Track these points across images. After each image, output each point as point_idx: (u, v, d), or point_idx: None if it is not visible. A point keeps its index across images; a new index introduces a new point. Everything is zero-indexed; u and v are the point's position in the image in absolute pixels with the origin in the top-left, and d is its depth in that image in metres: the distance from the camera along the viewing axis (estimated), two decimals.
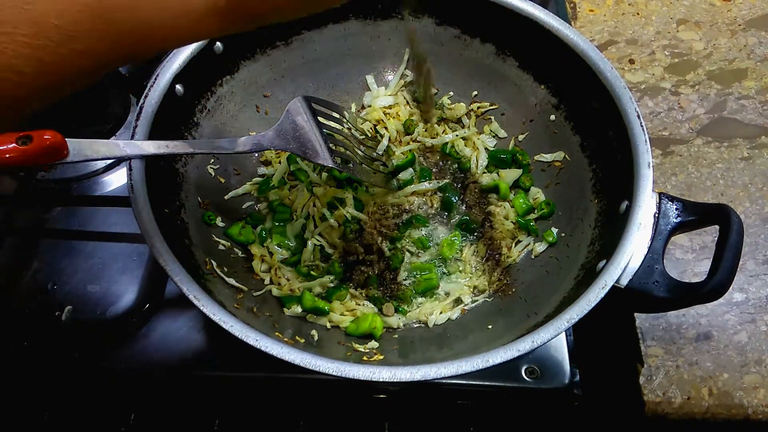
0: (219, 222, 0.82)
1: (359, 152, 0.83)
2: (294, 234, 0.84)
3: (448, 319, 0.78)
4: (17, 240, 0.86)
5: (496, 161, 0.90)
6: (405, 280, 0.81)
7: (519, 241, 0.84)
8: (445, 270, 0.83)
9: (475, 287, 0.81)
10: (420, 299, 0.81)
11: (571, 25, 0.95)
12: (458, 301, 0.81)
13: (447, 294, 0.81)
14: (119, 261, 0.84)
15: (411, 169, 0.89)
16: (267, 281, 0.80)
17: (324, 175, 0.88)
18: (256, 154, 0.91)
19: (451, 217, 0.87)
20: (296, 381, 0.76)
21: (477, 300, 0.80)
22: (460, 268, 0.83)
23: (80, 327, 0.79)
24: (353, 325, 0.76)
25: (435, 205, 0.88)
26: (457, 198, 0.88)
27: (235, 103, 0.88)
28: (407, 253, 0.83)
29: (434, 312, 0.79)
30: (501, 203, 0.87)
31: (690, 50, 1.04)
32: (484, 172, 0.90)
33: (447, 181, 0.90)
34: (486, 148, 0.92)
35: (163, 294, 0.81)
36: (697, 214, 0.68)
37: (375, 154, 0.87)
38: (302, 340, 0.72)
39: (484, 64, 0.92)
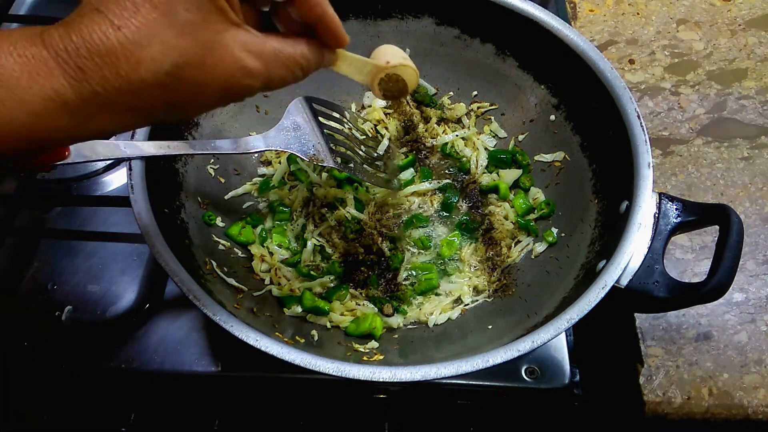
0: (219, 222, 0.82)
1: (360, 152, 0.83)
2: (294, 234, 0.84)
3: (448, 319, 0.78)
4: (17, 240, 0.86)
5: (496, 161, 0.90)
6: (405, 280, 0.82)
7: (519, 241, 0.84)
8: (444, 270, 0.83)
9: (474, 287, 0.81)
10: (420, 299, 0.81)
11: (571, 25, 0.95)
12: (458, 301, 0.81)
13: (447, 294, 0.81)
14: (119, 261, 0.84)
15: (411, 169, 0.89)
16: (267, 281, 0.80)
17: (324, 175, 0.88)
18: (256, 154, 0.91)
19: (451, 217, 0.87)
20: (296, 381, 0.76)
21: (477, 300, 0.80)
22: (460, 268, 0.83)
23: (80, 327, 0.79)
24: (353, 325, 0.76)
25: (435, 205, 0.88)
26: (457, 198, 0.88)
27: (235, 102, 0.88)
28: (407, 253, 0.83)
29: (434, 312, 0.78)
30: (501, 203, 0.87)
31: (690, 50, 1.04)
32: (484, 173, 0.90)
33: (447, 181, 0.90)
34: (486, 148, 0.92)
35: (163, 294, 0.81)
36: (697, 214, 0.68)
37: (375, 154, 0.87)
38: (302, 340, 0.72)
39: (484, 64, 0.92)
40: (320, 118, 0.79)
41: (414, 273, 0.82)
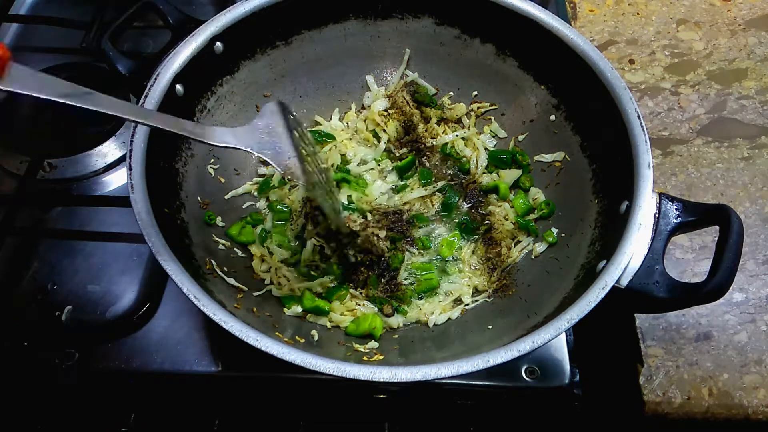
0: (219, 222, 0.82)
1: (321, 179, 0.76)
2: (294, 234, 0.84)
3: (448, 319, 0.78)
4: (17, 240, 0.86)
5: (496, 161, 0.90)
6: (405, 280, 0.81)
7: (519, 242, 0.84)
8: (444, 270, 0.83)
9: (474, 287, 0.81)
10: (420, 300, 0.80)
11: (571, 25, 0.95)
12: (458, 301, 0.81)
13: (447, 294, 0.81)
14: (119, 261, 0.84)
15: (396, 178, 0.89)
16: (267, 281, 0.80)
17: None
18: (256, 154, 0.90)
19: (451, 217, 0.87)
20: (296, 381, 0.76)
21: (477, 300, 0.80)
22: (460, 268, 0.83)
23: (80, 327, 0.79)
24: (353, 325, 0.76)
25: (435, 205, 0.88)
26: (457, 198, 0.88)
27: (235, 102, 0.88)
28: (407, 253, 0.83)
29: (434, 312, 0.78)
30: (501, 203, 0.87)
31: (690, 50, 1.04)
32: (484, 173, 0.90)
33: (443, 182, 0.89)
34: (486, 148, 0.92)
35: (163, 294, 0.81)
36: (697, 215, 0.68)
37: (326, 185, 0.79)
38: (302, 340, 0.72)
39: (484, 64, 0.92)
40: (294, 132, 0.70)
41: (414, 273, 0.82)
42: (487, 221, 0.86)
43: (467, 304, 0.80)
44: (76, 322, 0.79)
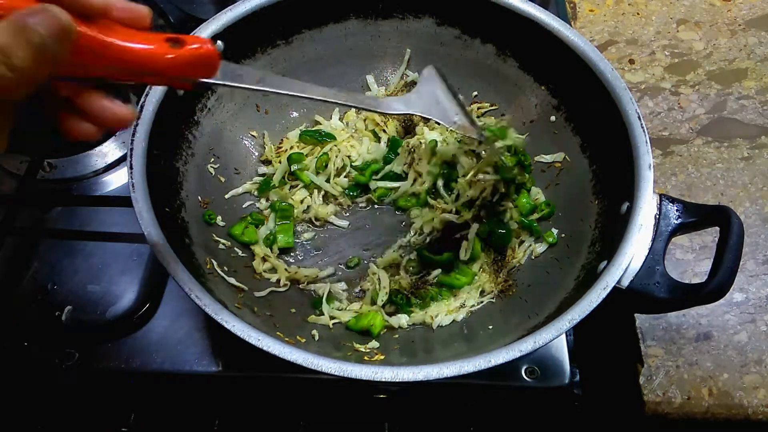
0: (219, 221, 0.82)
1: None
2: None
3: (453, 321, 0.78)
4: (17, 240, 0.86)
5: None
6: (434, 279, 0.81)
7: (522, 242, 0.84)
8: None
9: (482, 290, 0.81)
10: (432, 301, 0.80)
11: (571, 25, 0.95)
12: (464, 303, 0.80)
13: (456, 296, 0.80)
14: (119, 261, 0.84)
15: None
16: (273, 280, 0.80)
17: (338, 188, 0.88)
18: (256, 153, 0.90)
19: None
20: (297, 381, 0.76)
21: (482, 302, 0.80)
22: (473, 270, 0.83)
23: (80, 327, 0.79)
24: (354, 319, 0.77)
25: None
26: None
27: (236, 102, 0.88)
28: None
29: (440, 314, 0.78)
30: (505, 202, 0.87)
31: (690, 50, 1.04)
32: None
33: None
34: None
35: (163, 294, 0.81)
36: (697, 216, 0.69)
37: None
38: (303, 340, 0.72)
39: (484, 64, 0.92)
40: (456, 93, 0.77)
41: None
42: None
43: (473, 306, 0.80)
44: (76, 322, 0.79)
